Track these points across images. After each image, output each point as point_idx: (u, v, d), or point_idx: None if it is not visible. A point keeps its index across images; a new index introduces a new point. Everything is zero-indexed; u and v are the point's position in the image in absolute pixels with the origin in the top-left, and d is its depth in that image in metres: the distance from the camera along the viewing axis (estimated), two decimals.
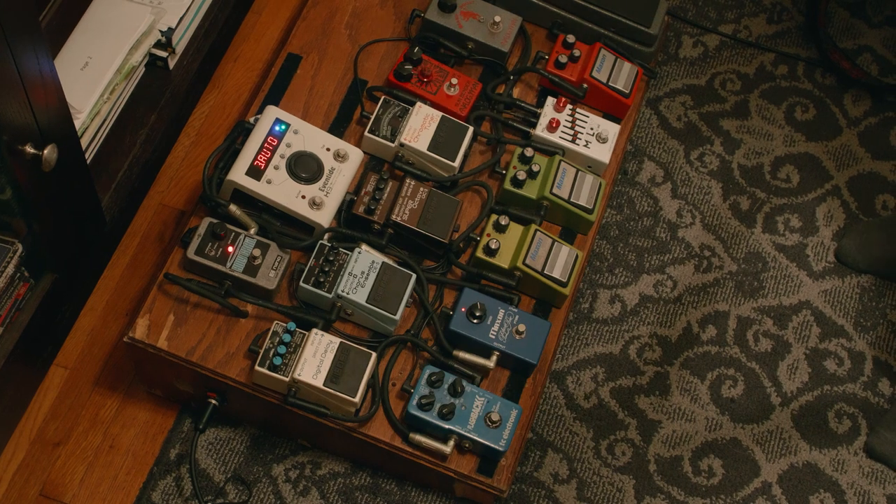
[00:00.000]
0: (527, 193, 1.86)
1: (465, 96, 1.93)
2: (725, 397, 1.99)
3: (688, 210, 2.16)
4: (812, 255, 2.13)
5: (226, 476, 1.84)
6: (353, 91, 1.95)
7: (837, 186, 2.21)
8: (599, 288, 2.06)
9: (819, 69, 2.33)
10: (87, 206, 1.81)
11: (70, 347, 1.92)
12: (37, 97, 1.50)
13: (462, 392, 1.71)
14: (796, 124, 2.27)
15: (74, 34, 1.82)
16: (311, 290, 1.73)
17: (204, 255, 1.73)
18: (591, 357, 2.00)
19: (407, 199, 1.80)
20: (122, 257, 2.00)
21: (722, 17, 2.38)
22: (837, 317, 2.08)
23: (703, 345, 2.04)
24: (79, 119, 1.83)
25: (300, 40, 1.99)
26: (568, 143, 1.91)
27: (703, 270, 2.10)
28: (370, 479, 1.85)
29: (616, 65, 1.98)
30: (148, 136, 1.96)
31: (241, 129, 1.83)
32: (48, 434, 1.85)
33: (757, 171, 2.21)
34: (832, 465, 1.96)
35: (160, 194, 2.05)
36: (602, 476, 1.91)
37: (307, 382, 1.67)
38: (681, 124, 2.24)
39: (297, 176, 1.79)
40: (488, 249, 1.80)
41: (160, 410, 1.88)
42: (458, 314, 1.75)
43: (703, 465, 1.94)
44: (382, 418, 1.73)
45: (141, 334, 1.72)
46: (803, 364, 2.03)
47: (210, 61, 2.11)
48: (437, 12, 1.98)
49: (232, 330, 1.74)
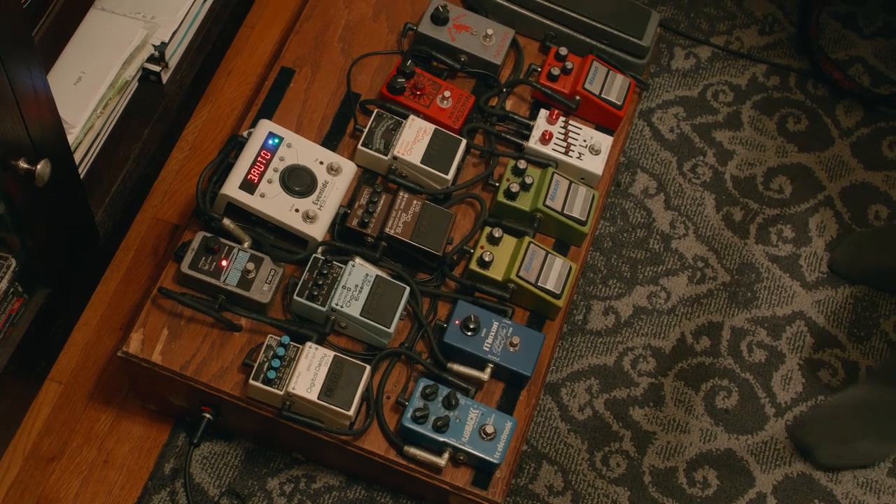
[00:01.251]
0: (520, 206, 1.86)
1: (458, 109, 1.93)
2: (720, 408, 2.00)
3: (681, 221, 2.16)
4: (805, 266, 2.14)
5: (220, 490, 1.83)
6: (347, 104, 1.95)
7: (830, 197, 2.21)
8: (593, 300, 2.07)
9: (811, 80, 2.34)
10: (80, 221, 1.81)
11: (64, 362, 1.92)
12: (30, 112, 1.50)
13: (456, 405, 1.71)
14: (789, 135, 2.27)
15: (67, 49, 1.82)
16: (305, 303, 1.73)
17: (198, 269, 1.73)
18: (586, 369, 2.01)
19: (400, 212, 1.80)
20: (116, 272, 2.00)
21: (714, 29, 2.39)
22: (831, 327, 2.09)
23: (698, 356, 2.04)
24: (72, 134, 1.83)
25: (293, 54, 1.99)
26: (561, 156, 1.92)
27: (697, 282, 2.10)
28: (365, 493, 1.85)
29: (608, 77, 1.99)
30: (141, 151, 1.96)
31: (234, 142, 1.84)
32: (42, 449, 1.85)
33: (750, 182, 2.21)
34: (827, 475, 1.96)
35: (154, 208, 2.06)
36: (597, 488, 1.91)
37: (301, 396, 1.67)
38: (673, 136, 2.25)
39: (291, 189, 1.79)
40: (482, 262, 1.80)
41: (155, 425, 1.88)
42: (452, 327, 1.75)
43: (698, 477, 1.94)
44: (377, 431, 1.72)
45: (135, 349, 1.72)
46: (797, 374, 2.04)
47: (203, 75, 2.12)
48: (429, 25, 1.99)
49: (226, 344, 1.74)
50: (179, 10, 2.00)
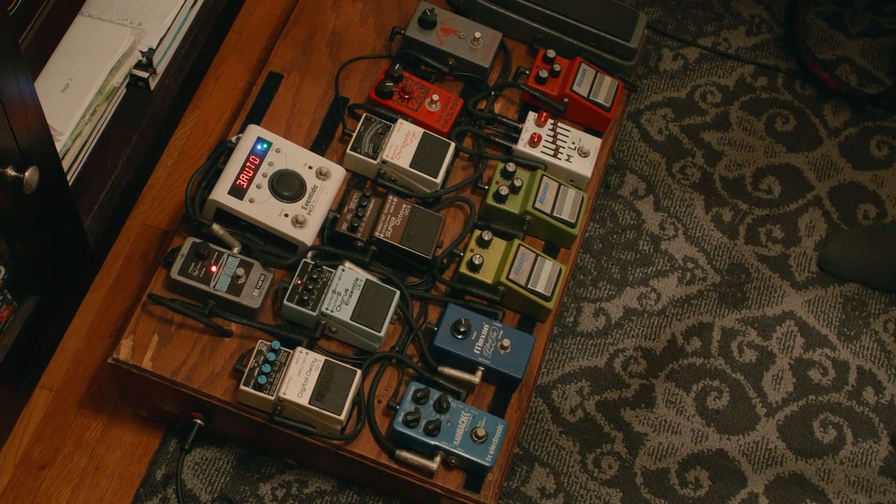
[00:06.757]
0: (509, 208, 1.86)
1: (447, 112, 1.93)
2: (711, 409, 2.00)
3: (670, 222, 2.16)
4: (795, 266, 2.14)
5: (212, 496, 1.83)
6: (335, 109, 1.95)
7: (819, 197, 2.22)
8: (584, 301, 2.07)
9: (798, 80, 2.34)
10: (69, 228, 1.81)
11: (54, 369, 1.91)
12: (17, 119, 1.49)
13: (448, 408, 1.71)
14: (777, 135, 2.28)
15: (55, 56, 1.82)
16: (296, 308, 1.73)
17: (187, 274, 1.73)
18: (577, 371, 2.01)
19: (390, 216, 1.80)
20: (105, 278, 1.99)
21: (701, 30, 2.39)
22: (821, 326, 2.09)
23: (688, 357, 2.04)
24: (60, 141, 1.82)
25: (281, 59, 1.99)
26: (550, 158, 1.92)
27: (687, 282, 2.11)
28: (357, 497, 1.85)
29: (597, 79, 1.99)
30: (130, 157, 1.95)
31: (223, 148, 1.84)
32: (33, 457, 1.84)
33: (738, 183, 2.22)
34: (818, 474, 1.96)
35: (143, 214, 2.05)
36: (589, 490, 1.91)
37: (292, 401, 1.66)
38: (662, 137, 2.25)
39: (280, 194, 1.79)
40: (472, 265, 1.80)
41: (146, 431, 1.88)
42: (443, 330, 1.76)
43: (690, 477, 1.94)
44: (368, 435, 1.72)
45: (125, 355, 1.72)
46: (788, 374, 2.04)
47: (191, 81, 2.11)
48: (417, 29, 1.99)
49: (216, 349, 1.74)
50: (167, 16, 2.00)
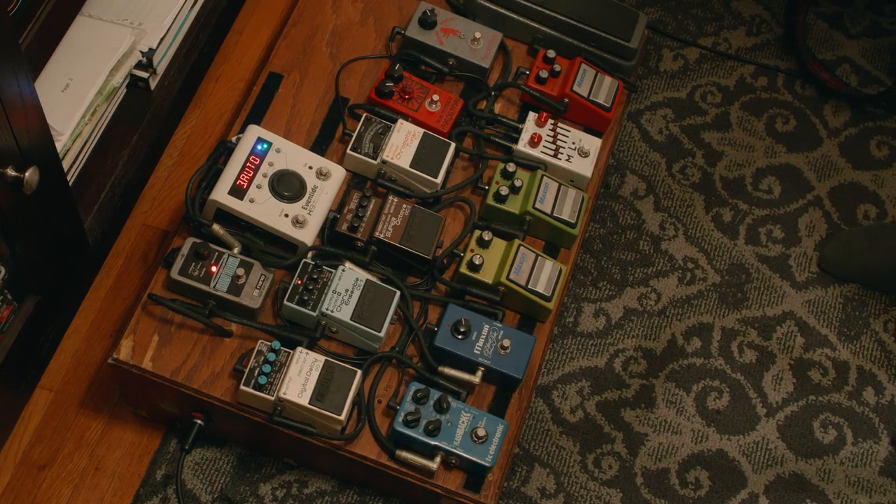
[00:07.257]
0: (510, 209, 1.86)
1: (447, 112, 1.93)
2: (711, 409, 2.00)
3: (670, 223, 2.16)
4: (795, 266, 2.14)
5: (212, 496, 1.83)
6: (335, 109, 1.95)
7: (819, 197, 2.22)
8: (584, 302, 2.07)
9: (799, 80, 2.34)
10: (69, 228, 1.81)
11: (54, 369, 1.91)
12: (17, 120, 1.49)
13: (448, 408, 1.71)
14: (777, 135, 2.28)
15: (55, 56, 1.82)
16: (296, 308, 1.73)
17: (187, 275, 1.73)
18: (577, 371, 2.01)
19: (390, 216, 1.80)
20: (105, 278, 1.99)
21: (701, 31, 2.39)
22: (821, 326, 2.09)
23: (688, 357, 2.04)
24: (60, 141, 1.82)
25: (281, 59, 1.99)
26: (550, 158, 1.92)
27: (687, 283, 2.11)
28: (357, 497, 1.85)
29: (597, 79, 1.99)
30: (130, 157, 1.95)
31: (223, 148, 1.84)
32: (33, 457, 1.84)
33: (739, 183, 2.22)
34: (818, 474, 1.96)
35: (143, 215, 2.05)
36: (589, 490, 1.91)
37: (292, 401, 1.66)
38: (662, 137, 2.25)
39: (280, 194, 1.79)
40: (472, 265, 1.80)
41: (146, 431, 1.88)
42: (443, 330, 1.75)
43: (690, 478, 1.94)
44: (368, 436, 1.72)
45: (125, 355, 1.72)
46: (788, 374, 2.04)
47: (191, 81, 2.11)
48: (417, 29, 1.99)
49: (216, 350, 1.74)
50: (167, 17, 2.00)
